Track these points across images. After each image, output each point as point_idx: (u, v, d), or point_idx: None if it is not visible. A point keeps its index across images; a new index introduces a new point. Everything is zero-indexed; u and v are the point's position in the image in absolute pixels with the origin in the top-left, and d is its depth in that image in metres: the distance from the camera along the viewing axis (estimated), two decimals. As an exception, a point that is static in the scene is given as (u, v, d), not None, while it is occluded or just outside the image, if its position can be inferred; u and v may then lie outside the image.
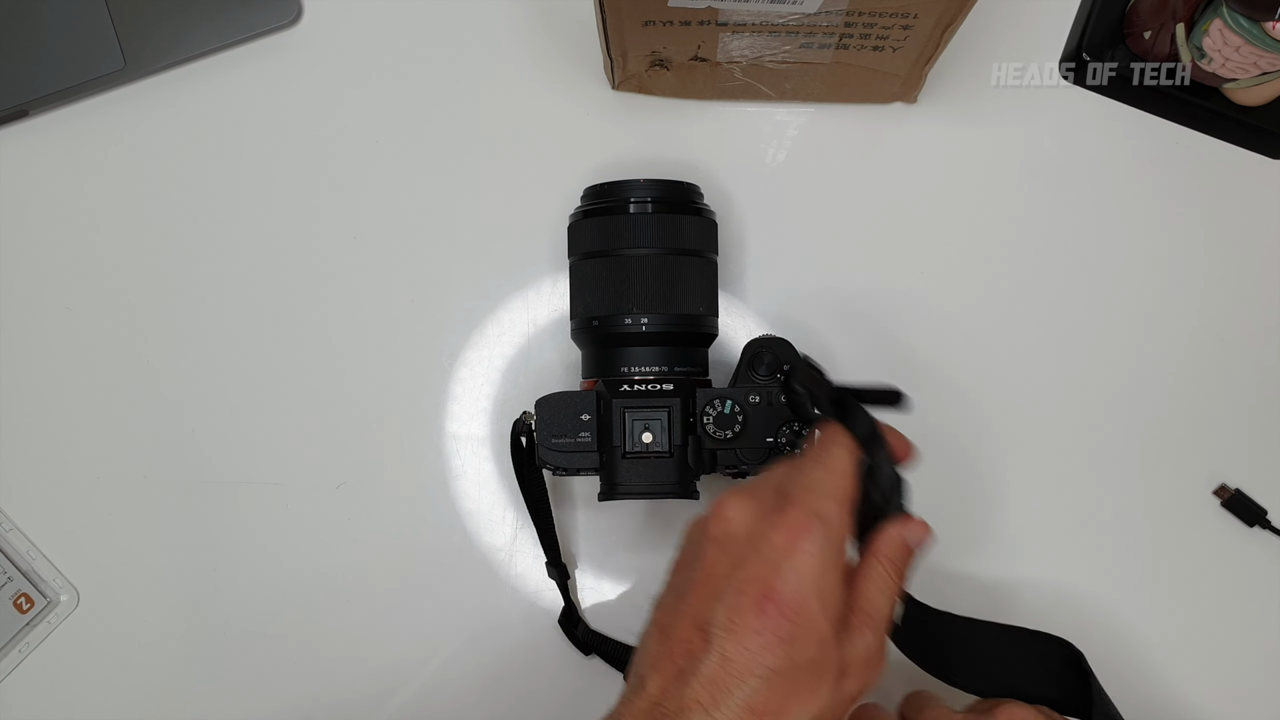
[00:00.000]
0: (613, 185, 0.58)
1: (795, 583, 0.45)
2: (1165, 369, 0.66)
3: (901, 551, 0.50)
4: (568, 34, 0.67)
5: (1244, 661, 0.65)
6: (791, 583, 0.45)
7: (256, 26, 0.67)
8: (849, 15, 0.57)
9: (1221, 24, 0.60)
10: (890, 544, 0.50)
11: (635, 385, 0.57)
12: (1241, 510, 0.65)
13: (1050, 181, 0.67)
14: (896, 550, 0.50)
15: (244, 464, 0.66)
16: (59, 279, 0.67)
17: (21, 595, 0.65)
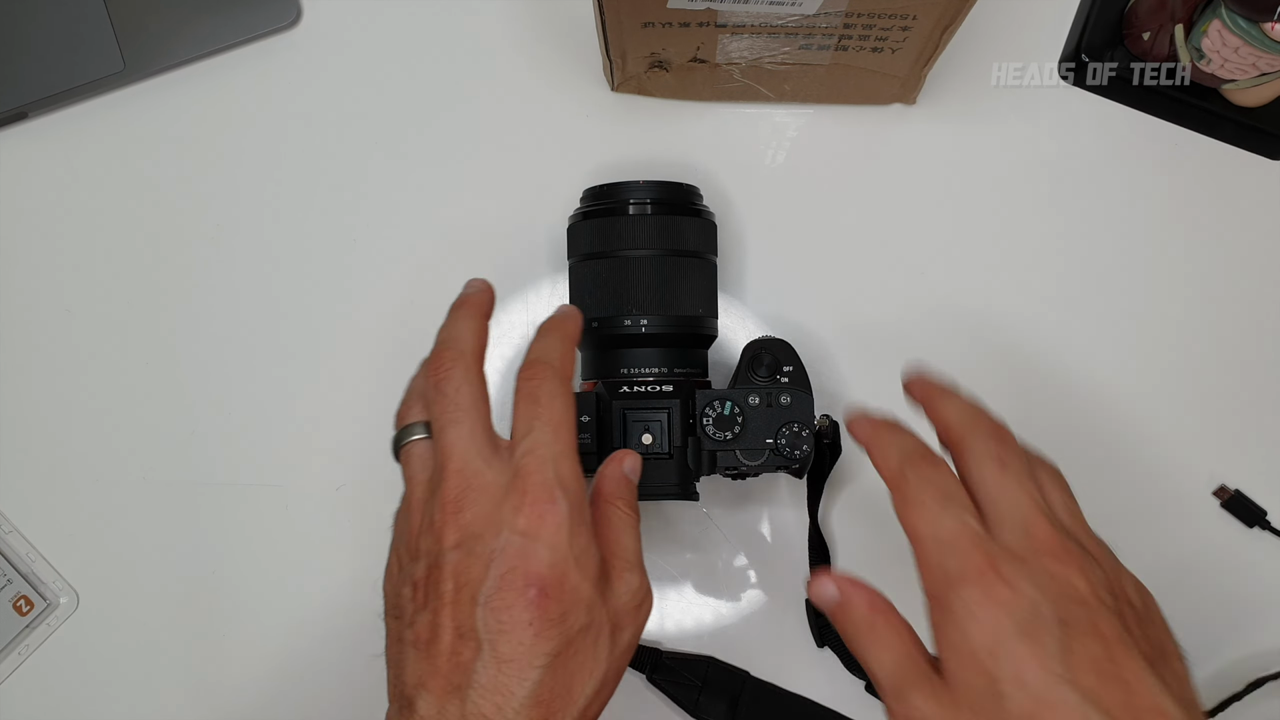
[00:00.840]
0: (612, 187, 0.58)
1: (551, 558, 0.43)
2: (1165, 369, 0.66)
3: (625, 485, 0.50)
4: (567, 35, 0.67)
5: (1245, 663, 0.65)
6: (548, 559, 0.43)
7: (256, 28, 0.67)
8: (848, 16, 0.57)
9: (1220, 25, 0.60)
10: (613, 483, 0.50)
11: (635, 387, 0.57)
12: (1241, 511, 0.65)
13: (1050, 182, 0.67)
14: (620, 486, 0.50)
15: (244, 466, 0.66)
16: (58, 281, 0.67)
17: (21, 597, 0.65)
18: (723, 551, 0.65)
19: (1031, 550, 0.41)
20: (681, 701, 0.63)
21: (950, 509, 0.42)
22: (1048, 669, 0.39)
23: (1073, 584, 0.41)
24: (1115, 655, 0.39)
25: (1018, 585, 0.40)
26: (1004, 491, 0.43)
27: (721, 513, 0.65)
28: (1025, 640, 0.39)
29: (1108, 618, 0.40)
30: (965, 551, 0.41)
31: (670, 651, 0.64)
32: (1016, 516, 0.42)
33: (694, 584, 0.65)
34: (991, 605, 0.40)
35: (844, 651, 0.64)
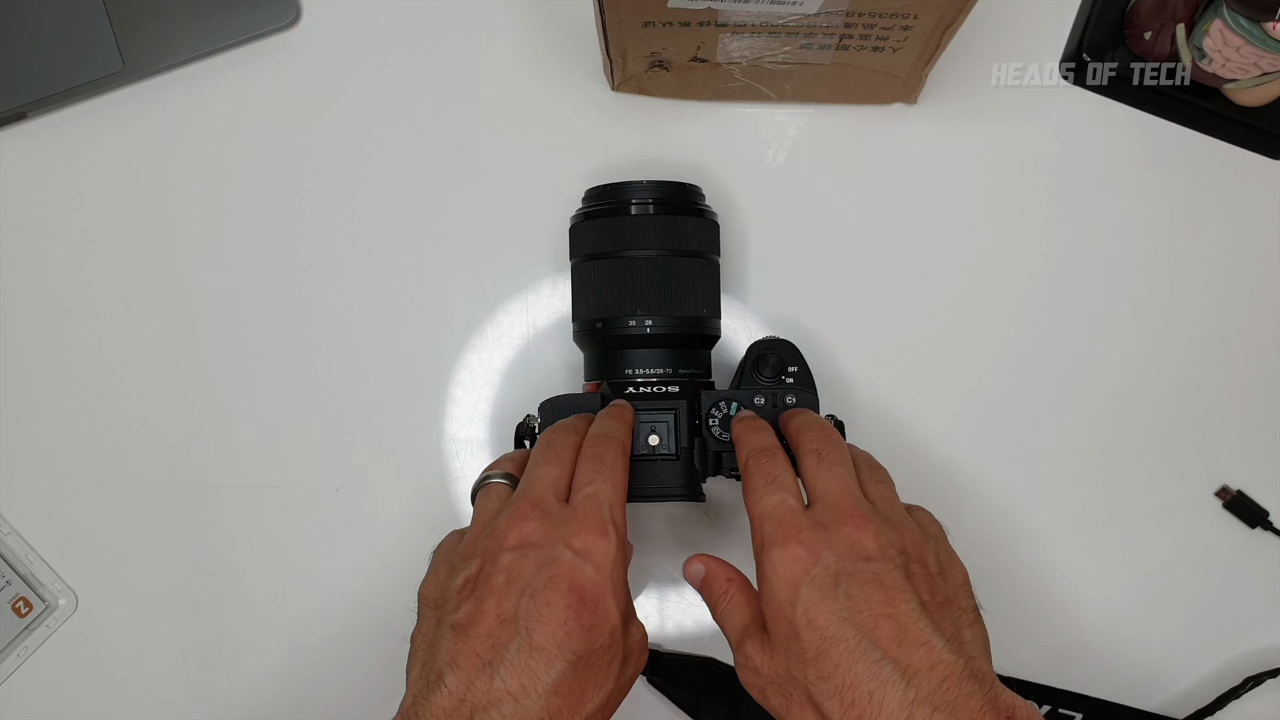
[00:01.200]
0: (614, 187, 0.58)
1: (595, 578, 0.48)
2: (1166, 370, 0.66)
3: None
4: (567, 35, 0.67)
5: (1246, 662, 0.65)
6: (592, 578, 0.48)
7: (255, 28, 0.66)
8: (849, 16, 0.56)
9: (1222, 24, 0.60)
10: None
11: (640, 388, 0.57)
12: (1243, 512, 0.65)
13: (1051, 182, 0.67)
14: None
15: (243, 467, 0.66)
16: (57, 282, 0.66)
17: (20, 599, 0.64)
18: (725, 553, 0.65)
19: (835, 519, 0.49)
20: (682, 703, 0.63)
21: (774, 490, 0.51)
22: (832, 612, 0.47)
23: (864, 544, 0.49)
24: (891, 599, 0.47)
25: (815, 547, 0.48)
26: (820, 476, 0.52)
27: (726, 514, 0.65)
28: (814, 589, 0.47)
29: (890, 570, 0.48)
30: (778, 522, 0.50)
31: (671, 653, 0.64)
32: (828, 494, 0.51)
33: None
34: (791, 562, 0.48)
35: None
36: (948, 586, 0.50)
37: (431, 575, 0.53)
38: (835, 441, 0.53)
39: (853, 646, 0.46)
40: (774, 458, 0.53)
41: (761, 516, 0.50)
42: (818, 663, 0.47)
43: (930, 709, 0.44)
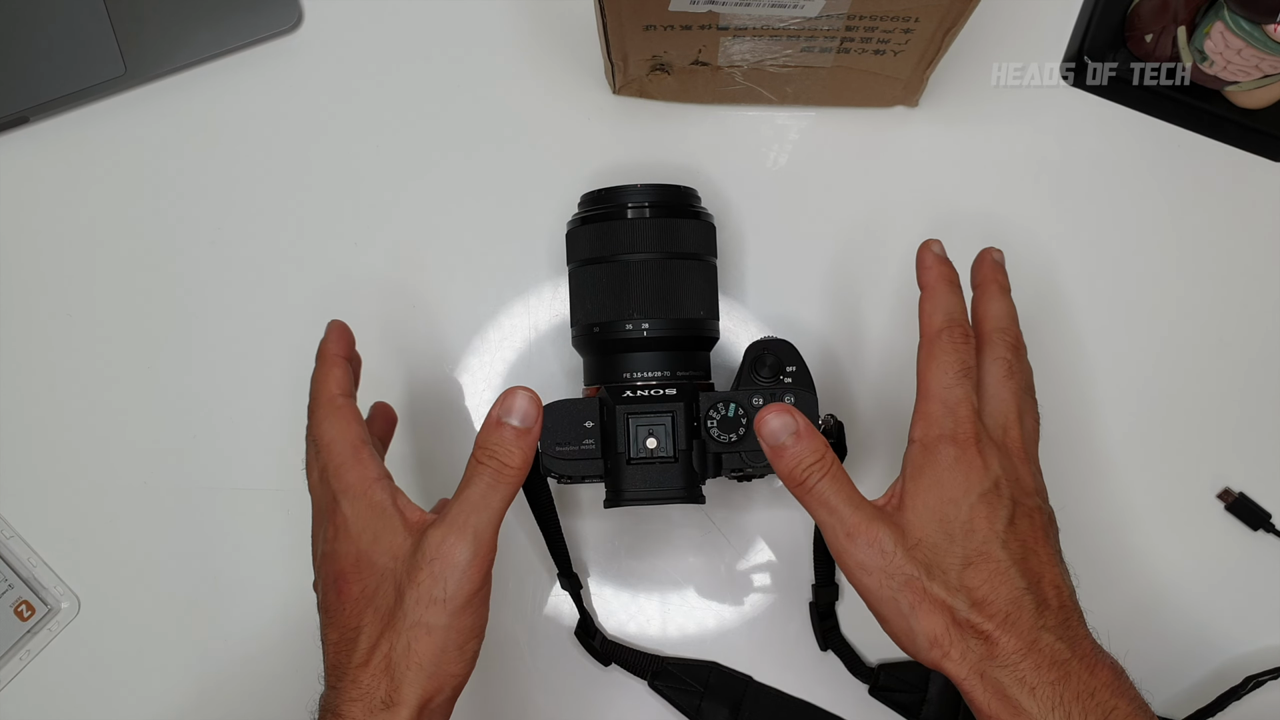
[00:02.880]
0: (609, 191, 0.58)
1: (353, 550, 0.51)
2: (1168, 372, 0.66)
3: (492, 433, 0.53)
4: (568, 39, 0.67)
5: (1247, 664, 0.65)
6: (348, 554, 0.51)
7: (257, 32, 0.67)
8: (850, 19, 0.56)
9: (1223, 26, 0.60)
10: (481, 431, 0.54)
11: (638, 391, 0.57)
12: (1245, 514, 0.65)
13: (1053, 185, 0.67)
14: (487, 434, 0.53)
15: (245, 470, 0.66)
16: (60, 285, 0.67)
17: (22, 603, 0.64)
18: (726, 555, 0.65)
19: (1003, 442, 0.52)
20: (683, 707, 0.63)
21: (964, 382, 0.51)
22: (994, 530, 0.49)
23: (1025, 481, 0.52)
24: (1039, 536, 0.51)
25: (990, 462, 0.50)
26: (1001, 393, 0.53)
27: (726, 516, 0.65)
28: (984, 502, 0.50)
29: (1040, 512, 0.52)
30: (962, 419, 0.51)
31: (672, 657, 0.64)
32: (1002, 416, 0.53)
33: (696, 588, 0.65)
34: (967, 465, 0.50)
35: (847, 655, 0.63)
36: (1057, 535, 0.53)
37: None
38: (1023, 354, 0.55)
39: (1003, 568, 0.49)
40: (969, 341, 0.53)
41: (946, 404, 0.51)
42: (963, 570, 0.49)
43: (1054, 637, 0.48)
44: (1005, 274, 0.57)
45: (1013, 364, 0.53)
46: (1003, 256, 0.57)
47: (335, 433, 0.53)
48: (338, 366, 0.55)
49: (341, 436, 0.52)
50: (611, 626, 0.65)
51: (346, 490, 0.51)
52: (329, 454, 0.52)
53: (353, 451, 0.52)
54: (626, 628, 0.65)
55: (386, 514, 0.51)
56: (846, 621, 0.64)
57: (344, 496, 0.51)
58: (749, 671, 0.64)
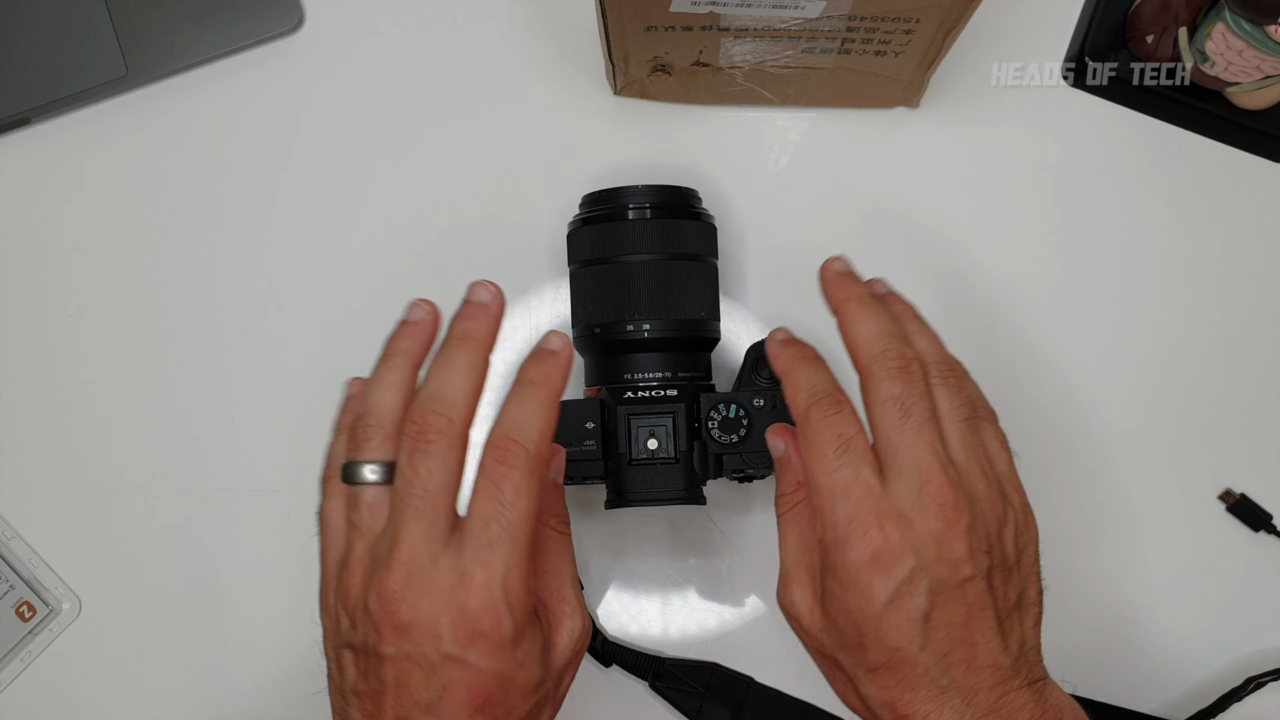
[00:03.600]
0: (610, 192, 0.58)
1: (495, 670, 0.42)
2: (1169, 373, 0.66)
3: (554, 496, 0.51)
4: (569, 40, 0.67)
5: (1248, 665, 0.65)
6: (490, 673, 0.42)
7: (258, 33, 0.67)
8: (851, 20, 0.56)
9: (1224, 27, 0.60)
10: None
11: (639, 392, 0.57)
12: (1246, 515, 0.65)
13: (1054, 186, 0.67)
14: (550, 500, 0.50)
15: (246, 471, 0.66)
16: (61, 287, 0.67)
17: (24, 603, 0.64)
18: (727, 556, 0.65)
19: (921, 507, 0.43)
20: (684, 709, 0.63)
21: (847, 459, 0.44)
22: (909, 635, 0.43)
23: (953, 548, 0.43)
24: (971, 621, 0.44)
25: (900, 550, 0.43)
26: (902, 439, 0.44)
27: (727, 517, 0.65)
28: (894, 607, 0.43)
29: (975, 584, 0.44)
30: (856, 506, 0.44)
31: (673, 659, 0.64)
32: (912, 469, 0.44)
33: (697, 589, 0.65)
34: (870, 565, 0.43)
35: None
36: (1021, 577, 0.46)
37: (324, 598, 0.46)
38: (915, 378, 0.45)
39: (922, 671, 0.44)
40: (841, 409, 0.45)
41: (833, 494, 0.44)
42: (878, 672, 0.45)
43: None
44: (858, 281, 0.49)
45: (904, 397, 0.45)
46: (846, 264, 0.50)
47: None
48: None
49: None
50: (612, 628, 0.65)
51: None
52: None
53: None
54: (628, 629, 0.65)
55: None
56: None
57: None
58: (750, 672, 0.64)
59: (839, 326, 0.48)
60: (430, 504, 0.43)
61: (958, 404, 0.47)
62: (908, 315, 0.50)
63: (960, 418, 0.47)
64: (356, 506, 0.45)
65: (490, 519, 0.42)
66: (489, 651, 0.42)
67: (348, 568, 0.45)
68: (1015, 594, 0.46)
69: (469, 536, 0.43)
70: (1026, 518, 0.48)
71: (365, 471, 0.45)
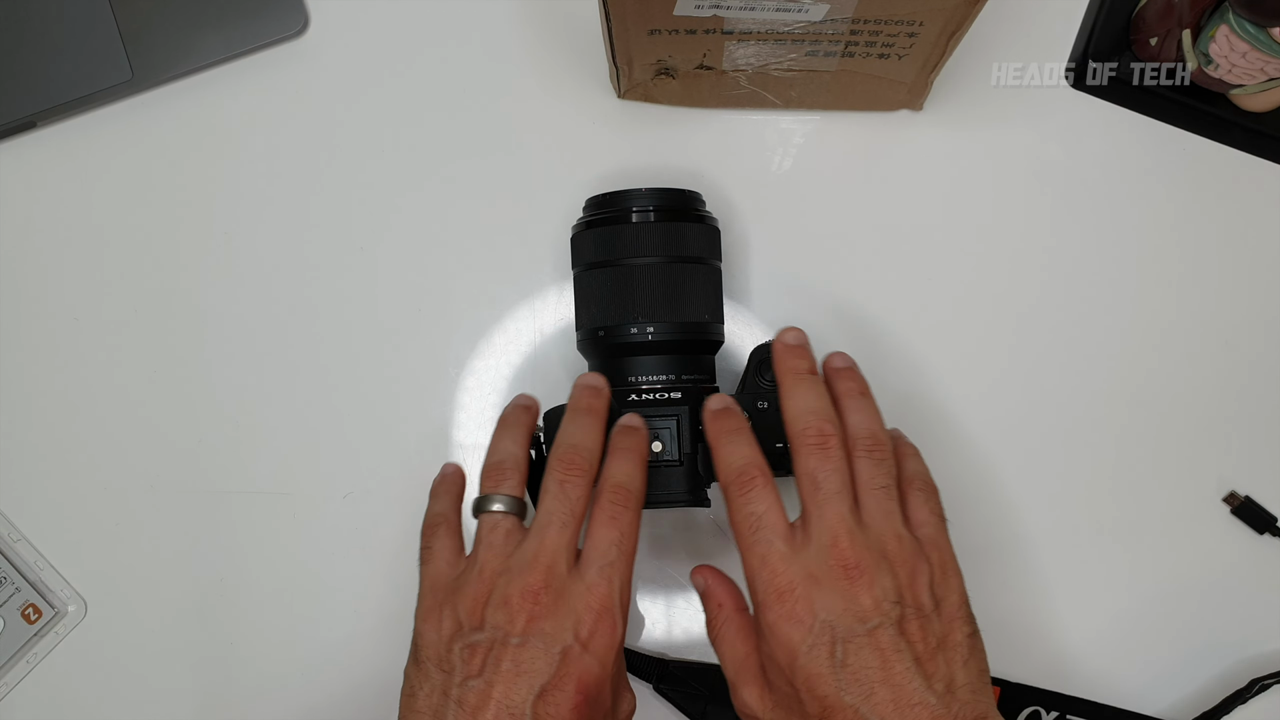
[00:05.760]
0: (614, 195, 0.58)
1: (599, 673, 0.50)
2: (1173, 376, 0.66)
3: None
4: (573, 43, 0.67)
5: (1253, 667, 0.65)
6: (597, 673, 0.50)
7: (263, 37, 0.67)
8: (854, 23, 0.57)
9: (1228, 30, 0.60)
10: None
11: (643, 394, 0.57)
12: (1251, 517, 0.65)
13: (1057, 189, 0.67)
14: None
15: (251, 474, 0.66)
16: (66, 290, 0.67)
17: (29, 605, 0.65)
18: (730, 558, 0.65)
19: (828, 569, 0.49)
20: (688, 710, 0.63)
21: (761, 535, 0.50)
22: (830, 682, 0.48)
23: (859, 602, 0.48)
24: (887, 663, 0.48)
25: (811, 609, 0.48)
26: (814, 509, 0.50)
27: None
28: (812, 658, 0.48)
29: (884, 630, 0.48)
30: (771, 576, 0.49)
31: (677, 660, 0.64)
32: (822, 535, 0.50)
33: (702, 591, 0.65)
34: (787, 628, 0.48)
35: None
36: (942, 622, 0.50)
37: (432, 618, 0.52)
38: (831, 453, 0.51)
39: (852, 713, 0.47)
40: (752, 487, 0.51)
41: (753, 566, 0.50)
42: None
43: None
44: (800, 354, 0.54)
45: (817, 472, 0.51)
46: (798, 337, 0.55)
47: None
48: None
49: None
50: (618, 629, 0.65)
51: None
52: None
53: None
54: (631, 631, 0.65)
55: None
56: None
57: None
58: (754, 675, 0.64)
59: (779, 397, 0.53)
60: (575, 520, 0.51)
61: (876, 475, 0.52)
62: (850, 393, 0.54)
63: (877, 486, 0.52)
64: (491, 529, 0.52)
65: (612, 544, 0.51)
66: (603, 650, 0.50)
67: (480, 578, 0.51)
68: (936, 638, 0.49)
69: (594, 558, 0.51)
70: (945, 571, 0.51)
71: (495, 503, 0.53)
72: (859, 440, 0.52)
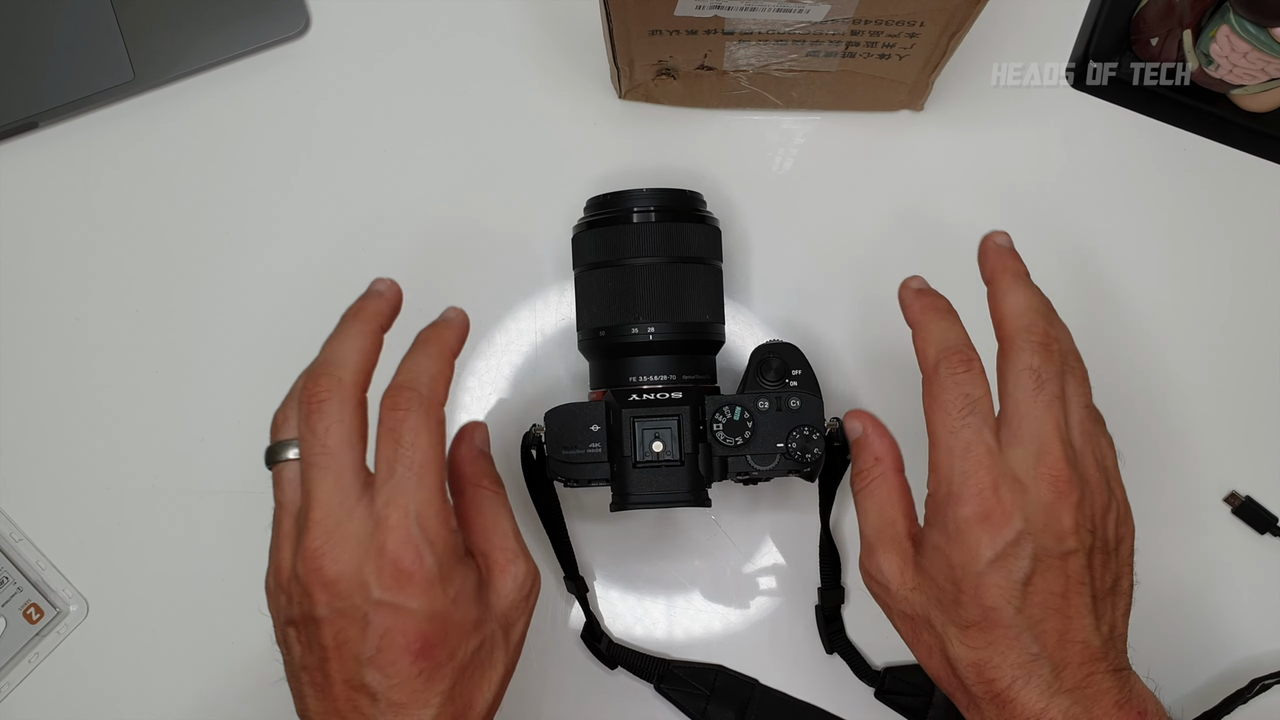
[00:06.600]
0: (615, 195, 0.59)
1: (427, 611, 0.44)
2: (1173, 375, 0.66)
3: (483, 462, 0.51)
4: (574, 44, 0.67)
5: (1254, 667, 0.65)
6: (424, 614, 0.43)
7: (265, 37, 0.67)
8: (855, 24, 0.57)
9: (1228, 30, 0.60)
10: (470, 464, 0.50)
11: (644, 394, 0.57)
12: (1252, 517, 0.65)
13: (1058, 189, 0.67)
14: (479, 464, 0.51)
15: (253, 473, 0.65)
16: (68, 290, 0.67)
17: (31, 605, 0.65)
18: (731, 558, 0.65)
19: (1036, 475, 0.45)
20: (689, 710, 0.63)
21: (971, 420, 0.46)
22: (1007, 596, 0.45)
23: (1060, 520, 0.45)
24: (1069, 593, 0.45)
25: (1010, 514, 0.45)
26: (1031, 410, 0.46)
27: (732, 519, 0.65)
28: (997, 566, 0.45)
29: (1077, 558, 0.45)
30: (974, 468, 0.45)
31: (678, 661, 0.64)
32: (1035, 438, 0.46)
33: (702, 591, 0.65)
34: (979, 524, 0.45)
35: (853, 659, 0.63)
36: (1118, 562, 0.48)
37: (268, 581, 0.48)
38: (1054, 358, 0.47)
39: (1015, 634, 0.45)
40: (970, 367, 0.47)
41: (952, 451, 0.46)
42: (969, 630, 0.46)
43: (1069, 701, 0.44)
44: (1017, 258, 0.50)
45: (1042, 371, 0.46)
46: (1008, 239, 0.51)
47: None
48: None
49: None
50: (618, 630, 0.65)
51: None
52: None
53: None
54: (633, 631, 0.65)
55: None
56: (852, 624, 0.64)
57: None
58: (755, 674, 0.64)
59: (989, 296, 0.49)
60: (332, 459, 0.44)
61: (1083, 392, 0.49)
62: (1052, 307, 0.50)
63: (1083, 404, 0.48)
64: (279, 485, 0.47)
65: (394, 462, 0.44)
66: (417, 591, 0.43)
67: (278, 545, 0.47)
68: (1111, 578, 0.47)
69: (378, 484, 0.44)
70: (1127, 511, 0.49)
71: (287, 452, 0.47)
72: (1068, 353, 0.49)
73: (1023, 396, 0.46)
